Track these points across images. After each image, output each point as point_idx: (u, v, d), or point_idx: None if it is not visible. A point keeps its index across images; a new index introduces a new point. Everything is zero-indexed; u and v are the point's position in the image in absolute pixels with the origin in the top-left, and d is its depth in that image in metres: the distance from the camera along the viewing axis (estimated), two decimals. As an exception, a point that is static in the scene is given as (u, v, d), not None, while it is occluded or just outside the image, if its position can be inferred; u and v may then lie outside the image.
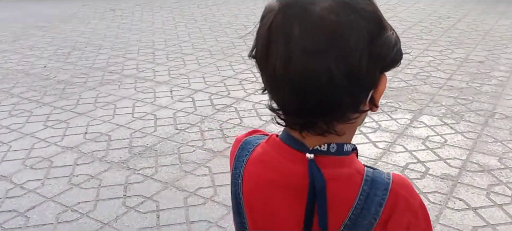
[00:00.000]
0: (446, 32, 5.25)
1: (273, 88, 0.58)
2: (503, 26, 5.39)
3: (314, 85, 0.53)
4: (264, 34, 0.56)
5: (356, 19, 0.53)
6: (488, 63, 4.15)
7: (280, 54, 0.53)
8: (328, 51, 0.52)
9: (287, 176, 0.61)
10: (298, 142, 0.60)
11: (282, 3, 0.55)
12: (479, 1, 6.77)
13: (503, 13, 5.97)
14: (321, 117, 0.56)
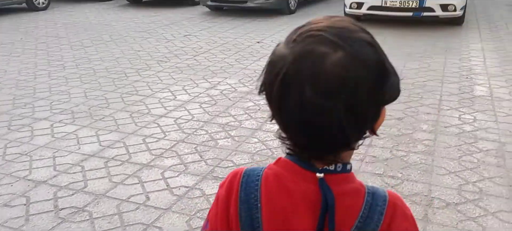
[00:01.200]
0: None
1: (287, 128, 0.66)
2: (412, 70, 4.97)
3: (325, 131, 0.61)
4: (278, 82, 0.61)
5: (363, 73, 0.60)
6: (408, 121, 3.58)
7: (295, 101, 0.61)
8: (339, 102, 0.59)
9: (302, 193, 0.68)
10: (308, 163, 0.68)
11: (293, 53, 0.61)
12: (383, 41, 6.42)
13: (409, 55, 5.62)
14: (330, 153, 0.66)
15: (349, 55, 0.60)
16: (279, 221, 0.69)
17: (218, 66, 5.33)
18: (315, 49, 0.60)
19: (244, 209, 0.71)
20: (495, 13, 8.41)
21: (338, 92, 0.59)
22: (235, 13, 9.08)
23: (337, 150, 0.65)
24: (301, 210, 0.68)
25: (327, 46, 0.60)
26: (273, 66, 0.63)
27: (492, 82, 4.44)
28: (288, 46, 0.63)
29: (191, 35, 7.25)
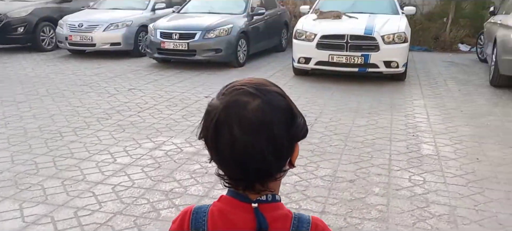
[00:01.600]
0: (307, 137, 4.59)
1: (222, 163, 0.85)
2: (361, 127, 4.96)
3: (252, 162, 0.80)
4: (213, 126, 0.82)
5: (276, 115, 0.81)
6: (360, 183, 3.48)
7: (226, 141, 0.80)
8: (260, 138, 0.79)
9: (242, 223, 0.85)
10: (244, 196, 0.86)
11: (223, 103, 0.82)
12: (331, 96, 6.46)
13: (357, 111, 5.64)
14: (258, 181, 0.84)
15: (265, 102, 0.81)
16: None
17: (163, 124, 5.08)
18: (239, 99, 0.81)
19: None
20: (433, 70, 8.80)
21: (259, 130, 0.78)
22: (183, 65, 8.93)
23: (264, 178, 0.84)
24: None
25: (248, 96, 0.81)
26: (208, 115, 0.84)
27: (437, 141, 4.49)
28: (218, 99, 0.84)
29: (136, 89, 6.98)
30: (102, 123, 5.10)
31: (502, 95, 6.47)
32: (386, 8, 8.50)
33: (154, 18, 10.53)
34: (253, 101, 0.81)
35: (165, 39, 8.74)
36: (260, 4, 10.33)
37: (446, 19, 12.36)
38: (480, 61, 9.78)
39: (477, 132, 4.75)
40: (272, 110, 0.82)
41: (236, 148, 0.80)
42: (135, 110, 5.68)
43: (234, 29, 8.87)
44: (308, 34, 7.52)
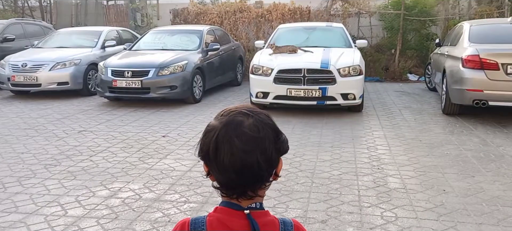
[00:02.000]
0: (271, 175, 4.44)
1: (222, 173, 1.02)
2: (325, 162, 4.87)
3: (248, 169, 0.99)
4: (214, 141, 1.01)
5: (267, 131, 1.02)
6: (332, 223, 3.34)
7: (227, 153, 0.99)
8: (255, 151, 0.99)
9: (238, 227, 1.03)
10: (237, 205, 1.05)
11: (222, 122, 1.02)
12: (292, 130, 6.37)
13: (319, 145, 5.57)
14: (250, 188, 1.03)
15: (257, 120, 1.03)
16: None
17: (118, 168, 4.76)
18: (236, 118, 1.02)
19: None
20: (387, 100, 8.99)
21: (255, 142, 1.00)
22: (136, 104, 8.61)
23: (256, 184, 1.03)
24: None
25: (243, 116, 1.03)
26: (208, 133, 1.04)
27: (402, 173, 4.46)
28: (217, 120, 1.05)
29: (87, 130, 6.59)
30: (50, 170, 4.70)
31: (455, 123, 6.64)
32: (339, 41, 8.66)
33: (104, 56, 10.20)
34: (248, 120, 1.03)
35: (117, 77, 8.41)
36: (214, 40, 10.26)
37: (394, 51, 12.82)
38: (429, 90, 10.12)
39: (439, 162, 4.79)
40: (263, 127, 1.04)
41: (236, 158, 1.00)
42: (87, 155, 5.32)
43: (189, 65, 8.70)
44: (265, 69, 7.48)
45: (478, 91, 6.35)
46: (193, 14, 14.03)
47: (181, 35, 10.16)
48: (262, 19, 13.42)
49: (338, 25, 9.51)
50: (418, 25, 12.90)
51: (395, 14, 12.89)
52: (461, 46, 7.04)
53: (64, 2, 16.64)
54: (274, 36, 9.12)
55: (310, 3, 13.59)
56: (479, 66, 6.36)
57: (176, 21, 14.42)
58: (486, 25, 7.66)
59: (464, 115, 7.09)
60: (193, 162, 4.92)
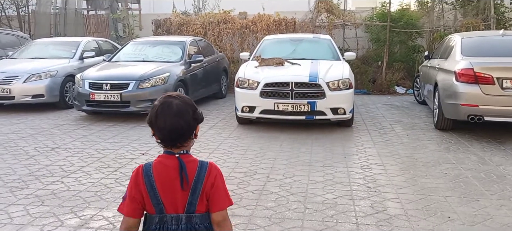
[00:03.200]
0: (260, 199, 4.07)
1: (161, 133, 1.72)
2: (318, 183, 4.53)
3: (178, 131, 1.70)
4: (154, 113, 1.73)
5: (188, 107, 1.73)
6: (330, 258, 2.99)
7: (162, 120, 1.69)
8: (182, 118, 1.70)
9: (171, 165, 1.72)
10: (171, 152, 1.75)
11: (160, 101, 1.73)
12: (281, 147, 6.03)
13: (310, 164, 5.24)
14: (179, 142, 1.73)
15: (181, 101, 1.74)
16: (163, 180, 1.72)
17: (92, 192, 4.34)
18: (168, 100, 1.72)
19: (147, 180, 1.73)
20: (377, 113, 8.73)
21: (181, 114, 1.69)
22: (115, 118, 8.17)
23: (181, 139, 1.72)
24: (172, 172, 1.71)
25: (173, 98, 1.73)
26: (152, 108, 1.74)
27: (401, 196, 4.14)
28: (157, 101, 1.75)
29: (61, 147, 6.15)
30: (16, 194, 4.26)
31: (450, 140, 6.39)
32: (327, 54, 8.39)
33: (83, 68, 9.76)
34: (175, 100, 1.75)
35: (95, 90, 7.98)
36: (198, 51, 9.90)
37: (380, 63, 12.64)
38: (418, 103, 9.92)
39: (438, 183, 4.49)
40: (185, 105, 1.76)
41: (167, 123, 1.71)
42: (58, 175, 4.88)
43: (171, 78, 8.32)
44: (251, 82, 7.14)
45: (473, 106, 6.11)
46: (175, 24, 13.66)
47: (163, 46, 9.78)
48: (246, 30, 13.12)
49: (326, 37, 9.26)
50: (404, 37, 12.76)
51: (381, 26, 12.74)
52: (453, 59, 6.82)
53: (42, 11, 16.09)
54: (260, 48, 8.81)
55: (295, 14, 13.36)
56: (473, 80, 6.12)
57: (158, 32, 14.03)
58: (478, 38, 7.47)
59: (458, 130, 6.85)
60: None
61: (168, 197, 1.73)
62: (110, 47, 11.84)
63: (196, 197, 1.72)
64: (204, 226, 1.74)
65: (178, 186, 1.72)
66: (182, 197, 1.73)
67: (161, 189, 1.73)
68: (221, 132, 7.10)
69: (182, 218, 1.73)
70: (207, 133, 7.02)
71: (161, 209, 1.73)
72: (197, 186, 1.73)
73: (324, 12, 13.32)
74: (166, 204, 1.73)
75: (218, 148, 6.04)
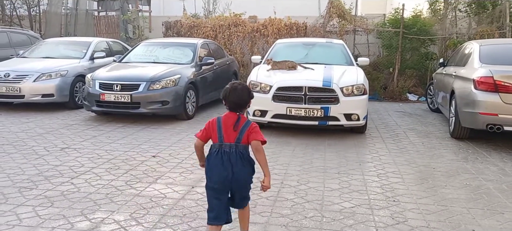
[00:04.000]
0: (275, 206, 3.95)
1: (230, 102, 2.88)
2: (334, 191, 4.40)
3: (240, 103, 2.89)
4: (227, 93, 2.89)
5: (245, 90, 2.93)
6: (351, 270, 2.85)
7: (232, 96, 2.87)
8: (243, 94, 2.89)
9: (232, 117, 2.88)
10: (234, 112, 2.90)
11: (231, 86, 2.92)
12: (293, 153, 5.90)
13: (324, 171, 5.10)
14: (239, 109, 2.90)
15: (243, 86, 2.94)
16: (225, 124, 2.85)
17: (102, 194, 4.24)
18: (234, 85, 2.92)
19: (217, 123, 2.87)
20: (389, 120, 8.58)
21: (242, 92, 2.89)
22: (125, 119, 8.09)
23: (241, 109, 2.89)
24: (231, 121, 2.85)
25: (237, 84, 2.93)
26: (225, 90, 2.91)
27: (421, 207, 4.00)
28: (228, 85, 2.94)
29: (71, 148, 6.06)
30: (25, 195, 4.16)
31: (467, 149, 6.23)
32: (340, 59, 8.26)
33: (93, 68, 9.70)
34: (239, 86, 2.90)
35: (105, 90, 7.90)
36: (208, 53, 9.81)
37: (392, 70, 12.48)
38: (431, 111, 9.76)
39: (459, 194, 4.34)
40: (245, 88, 2.92)
41: (234, 98, 2.85)
42: (68, 176, 4.79)
43: (182, 80, 8.22)
44: (263, 86, 7.02)
45: (493, 115, 5.95)
46: (186, 27, 13.59)
47: (173, 48, 9.69)
48: (257, 33, 13.03)
49: (339, 42, 9.13)
50: (417, 44, 12.60)
51: (394, 32, 12.59)
52: (471, 67, 6.67)
53: (53, 11, 16.11)
54: (272, 52, 8.70)
55: (307, 19, 13.25)
56: (493, 89, 5.97)
57: (168, 34, 13.97)
58: (496, 45, 7.32)
59: (474, 140, 6.69)
60: (186, 188, 4.42)
61: (226, 133, 2.84)
62: (120, 48, 11.80)
63: (241, 135, 2.84)
64: (244, 151, 2.86)
65: (232, 128, 2.84)
66: (234, 134, 2.84)
67: (224, 129, 2.85)
68: (232, 136, 6.98)
69: (233, 146, 2.83)
70: (218, 137, 6.90)
71: (221, 139, 2.84)
72: (243, 130, 2.85)
73: (335, 17, 13.20)
74: (225, 137, 2.84)
75: (230, 152, 5.92)
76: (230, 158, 2.78)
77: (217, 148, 2.82)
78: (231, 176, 2.78)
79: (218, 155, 2.79)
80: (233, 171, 2.78)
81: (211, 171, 2.83)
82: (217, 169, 2.79)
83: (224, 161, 2.77)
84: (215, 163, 2.80)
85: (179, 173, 4.94)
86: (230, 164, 2.77)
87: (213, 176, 2.81)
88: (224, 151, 2.79)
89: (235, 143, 2.79)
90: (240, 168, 2.79)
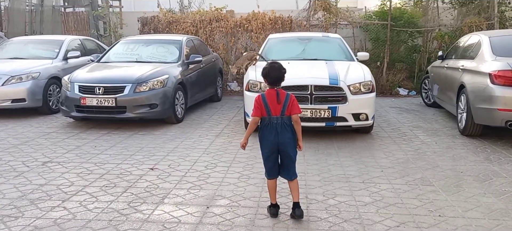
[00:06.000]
0: (311, 228, 3.42)
1: (270, 78, 3.55)
2: (368, 206, 3.92)
3: (278, 78, 3.54)
4: (268, 71, 3.56)
5: (281, 68, 3.58)
6: None
7: (273, 71, 3.54)
8: (279, 73, 3.55)
9: (273, 92, 3.50)
10: (273, 87, 3.54)
11: (269, 65, 3.61)
12: (305, 159, 5.40)
13: (347, 180, 4.62)
14: (277, 84, 3.54)
15: (278, 63, 3.61)
16: (269, 99, 3.49)
17: (104, 221, 3.61)
18: (272, 63, 3.62)
19: (263, 100, 3.50)
20: (389, 117, 8.24)
21: (279, 71, 3.54)
22: (109, 124, 7.39)
23: (279, 82, 3.54)
24: (274, 96, 3.48)
25: (275, 63, 3.63)
26: (264, 69, 3.61)
27: (473, 223, 3.57)
28: (266, 65, 3.65)
29: (53, 161, 5.36)
30: (9, 226, 3.49)
31: (485, 148, 5.90)
32: (339, 54, 7.82)
33: (67, 69, 8.93)
34: (276, 64, 3.59)
35: (86, 94, 7.17)
36: (194, 51, 9.17)
37: (380, 63, 12.17)
38: (426, 105, 9.48)
39: (505, 204, 3.94)
40: (280, 65, 3.58)
41: (273, 75, 3.52)
42: (58, 198, 4.12)
43: (170, 80, 7.58)
44: (263, 86, 6.47)
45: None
46: (164, 23, 12.86)
47: (157, 45, 9.00)
48: (240, 29, 12.44)
49: (336, 36, 8.69)
50: (404, 36, 12.34)
51: (381, 25, 12.27)
52: (484, 60, 6.34)
53: (16, 8, 14.96)
54: (265, 48, 8.16)
55: (291, 12, 12.76)
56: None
57: (145, 30, 13.19)
58: (507, 37, 7.02)
59: (486, 136, 6.38)
60: (200, 209, 3.84)
61: (272, 107, 3.48)
62: (94, 46, 10.99)
63: (285, 107, 3.48)
64: (288, 121, 3.51)
65: (276, 102, 3.47)
66: (279, 108, 3.48)
67: (270, 103, 3.48)
68: (231, 141, 6.43)
69: (279, 118, 3.48)
70: (216, 142, 6.33)
71: (270, 113, 3.48)
72: (286, 102, 3.48)
73: (320, 10, 12.78)
74: (272, 110, 3.48)
75: (235, 161, 5.37)
76: (277, 128, 3.49)
77: (267, 121, 3.52)
78: (277, 140, 3.50)
79: (268, 126, 3.51)
80: (279, 137, 3.50)
81: (264, 140, 3.56)
82: (268, 137, 3.52)
83: (272, 130, 3.50)
84: (266, 133, 3.53)
85: (186, 190, 4.35)
86: (277, 133, 3.49)
87: (266, 143, 3.55)
88: (273, 123, 3.49)
89: (280, 115, 3.49)
90: (284, 133, 3.51)
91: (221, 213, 3.74)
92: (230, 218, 3.65)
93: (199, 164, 5.23)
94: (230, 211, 3.79)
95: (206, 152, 5.79)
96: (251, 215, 3.69)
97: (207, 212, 3.78)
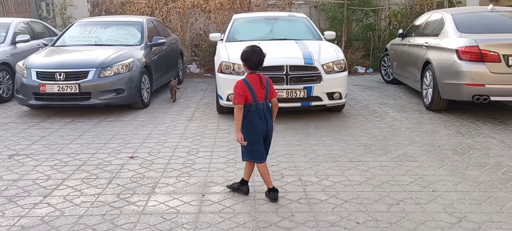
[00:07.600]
0: (314, 212, 3.42)
1: (251, 62, 3.44)
2: (362, 185, 3.97)
3: (260, 62, 3.45)
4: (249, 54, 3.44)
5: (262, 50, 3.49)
6: None
7: (255, 55, 3.43)
8: (261, 56, 3.45)
9: (256, 77, 3.45)
10: (254, 72, 3.47)
11: (250, 47, 3.48)
12: (286, 140, 5.38)
13: (334, 159, 4.66)
14: (258, 68, 3.47)
15: (259, 47, 3.48)
16: (254, 84, 3.40)
17: (97, 215, 3.40)
18: (254, 47, 3.48)
19: (247, 85, 3.39)
20: (354, 95, 8.41)
21: (261, 54, 3.44)
22: (71, 112, 7.00)
23: (260, 66, 3.46)
24: (257, 80, 3.43)
25: (255, 47, 3.49)
26: (245, 51, 3.47)
27: (467, 196, 3.72)
28: (246, 48, 3.50)
29: (20, 154, 5.00)
30: (-5, 229, 3.20)
31: (453, 122, 6.16)
32: (306, 33, 7.80)
33: (16, 54, 8.36)
34: (257, 48, 3.46)
35: (45, 80, 6.72)
36: (155, 33, 8.83)
37: (338, 42, 12.35)
38: (386, 82, 9.76)
39: (488, 175, 4.14)
40: (261, 49, 3.46)
41: (255, 58, 3.42)
42: (38, 194, 3.84)
43: (135, 64, 7.27)
44: (237, 67, 6.36)
45: (479, 86, 5.90)
46: (117, 4, 12.27)
47: (117, 27, 8.57)
48: (198, 9, 12.13)
49: (301, 15, 8.66)
50: (360, 15, 12.59)
51: (337, 4, 12.42)
52: (449, 37, 6.57)
53: None
54: (232, 29, 8.00)
55: (248, -9, 12.58)
56: (478, 59, 5.90)
57: (95, 12, 12.53)
58: (469, 14, 7.30)
59: (451, 111, 6.68)
60: (196, 198, 3.72)
61: (258, 92, 3.42)
62: (42, 29, 10.32)
63: (267, 91, 3.49)
64: (269, 104, 3.54)
65: (259, 86, 3.43)
66: (263, 92, 3.46)
67: (254, 88, 3.41)
68: (206, 124, 6.29)
69: (264, 103, 3.47)
70: (190, 126, 6.17)
71: (255, 98, 3.42)
72: (267, 86, 3.48)
73: (277, -11, 12.71)
74: (258, 96, 3.42)
75: (217, 145, 5.26)
76: (265, 114, 3.47)
77: (254, 107, 3.43)
78: (267, 126, 3.49)
79: (256, 112, 3.43)
80: (268, 123, 3.50)
81: (255, 127, 3.46)
82: (259, 125, 3.46)
83: (261, 116, 3.45)
84: (256, 120, 3.44)
85: (175, 178, 4.20)
86: (265, 119, 3.47)
87: (257, 130, 3.47)
88: (260, 108, 3.44)
89: (265, 100, 3.47)
90: (269, 118, 3.52)
91: (219, 201, 3.65)
92: (230, 205, 3.56)
93: (180, 150, 5.07)
94: (227, 198, 3.70)
95: (184, 137, 5.63)
96: (250, 201, 3.63)
97: (204, 200, 3.67)
